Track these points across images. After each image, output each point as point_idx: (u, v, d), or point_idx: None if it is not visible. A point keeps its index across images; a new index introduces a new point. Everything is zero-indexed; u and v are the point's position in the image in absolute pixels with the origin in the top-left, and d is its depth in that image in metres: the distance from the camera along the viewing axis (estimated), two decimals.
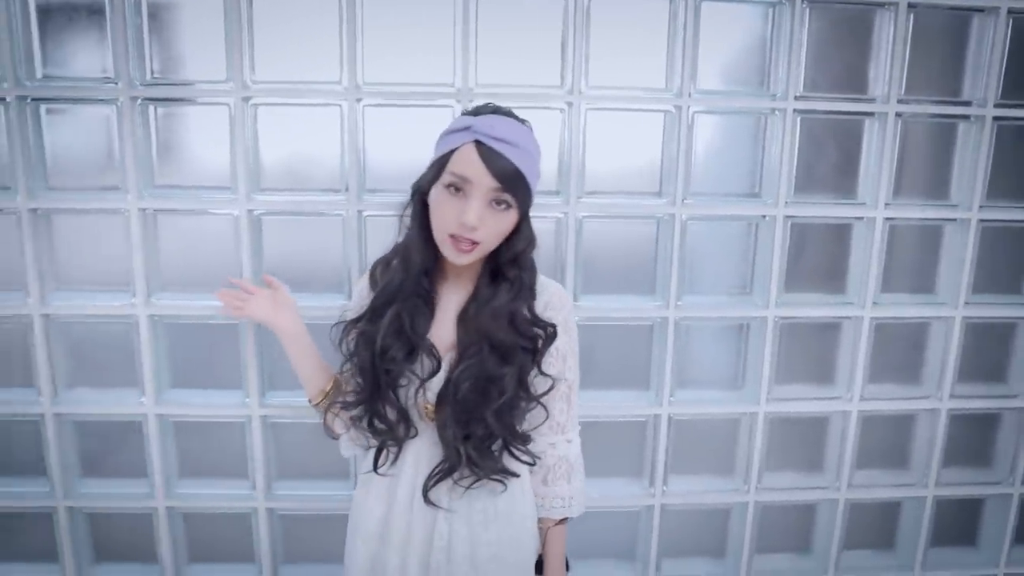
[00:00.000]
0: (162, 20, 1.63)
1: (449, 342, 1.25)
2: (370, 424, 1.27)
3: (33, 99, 1.64)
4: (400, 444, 1.27)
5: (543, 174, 1.32)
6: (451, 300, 1.27)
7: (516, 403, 1.22)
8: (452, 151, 1.15)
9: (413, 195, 1.23)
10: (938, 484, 1.95)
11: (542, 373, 1.24)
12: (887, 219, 1.79)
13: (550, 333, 1.23)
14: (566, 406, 1.31)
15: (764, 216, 1.76)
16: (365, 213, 1.70)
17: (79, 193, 1.68)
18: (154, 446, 1.78)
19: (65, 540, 1.83)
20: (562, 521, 1.37)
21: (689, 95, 1.68)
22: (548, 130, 1.68)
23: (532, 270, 1.25)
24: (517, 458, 1.26)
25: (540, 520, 1.36)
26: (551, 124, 1.69)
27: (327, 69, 1.65)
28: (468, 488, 1.25)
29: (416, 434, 1.27)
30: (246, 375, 1.75)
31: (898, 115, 1.73)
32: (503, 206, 1.15)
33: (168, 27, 1.63)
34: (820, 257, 1.83)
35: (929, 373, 1.91)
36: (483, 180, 1.12)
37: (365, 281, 1.33)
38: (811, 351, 1.87)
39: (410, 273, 1.22)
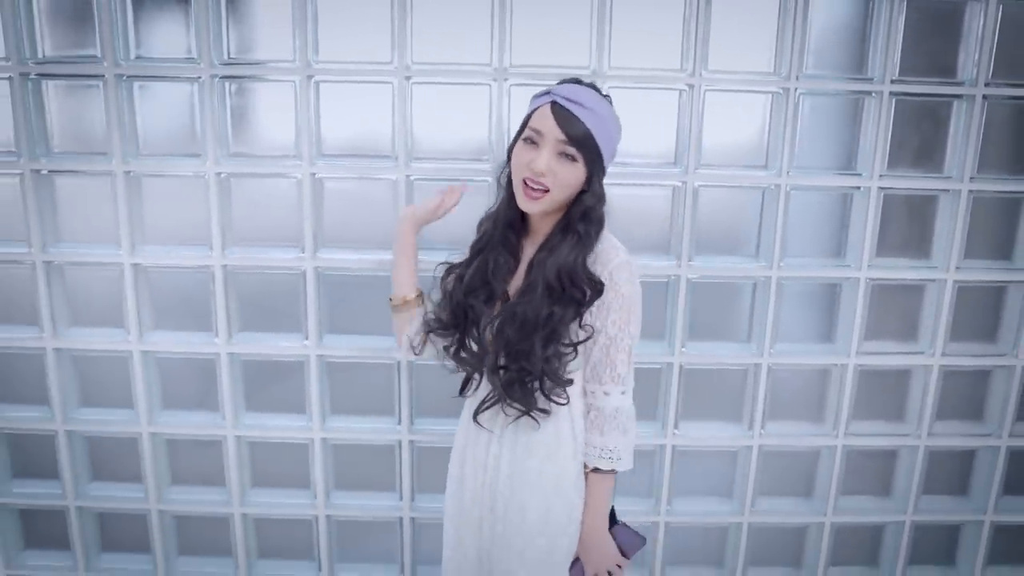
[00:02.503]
0: (238, 5, 1.86)
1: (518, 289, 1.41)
2: (456, 354, 1.46)
3: (128, 76, 1.88)
4: (481, 374, 1.44)
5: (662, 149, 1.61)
6: (530, 254, 1.42)
7: (555, 344, 1.33)
8: (534, 111, 1.34)
9: (509, 158, 1.39)
10: None
11: (581, 325, 1.34)
12: (971, 191, 1.95)
13: (597, 288, 1.34)
14: (604, 356, 1.37)
15: (859, 188, 1.95)
16: (413, 178, 1.91)
17: (165, 159, 1.92)
18: (225, 381, 2.03)
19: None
20: (609, 473, 1.43)
21: (796, 78, 1.86)
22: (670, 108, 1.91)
23: (599, 225, 1.37)
24: (548, 397, 1.36)
25: (586, 466, 1.43)
26: (671, 103, 1.90)
27: (381, 50, 1.86)
28: (512, 419, 1.40)
29: (492, 363, 1.39)
30: (305, 320, 1.98)
31: (985, 97, 1.89)
32: (570, 159, 1.31)
33: (243, 12, 1.86)
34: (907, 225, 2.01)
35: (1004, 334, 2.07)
36: (552, 132, 1.30)
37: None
38: (895, 311, 2.06)
39: (498, 226, 1.43)
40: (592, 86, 1.37)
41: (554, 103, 1.30)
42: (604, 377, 1.38)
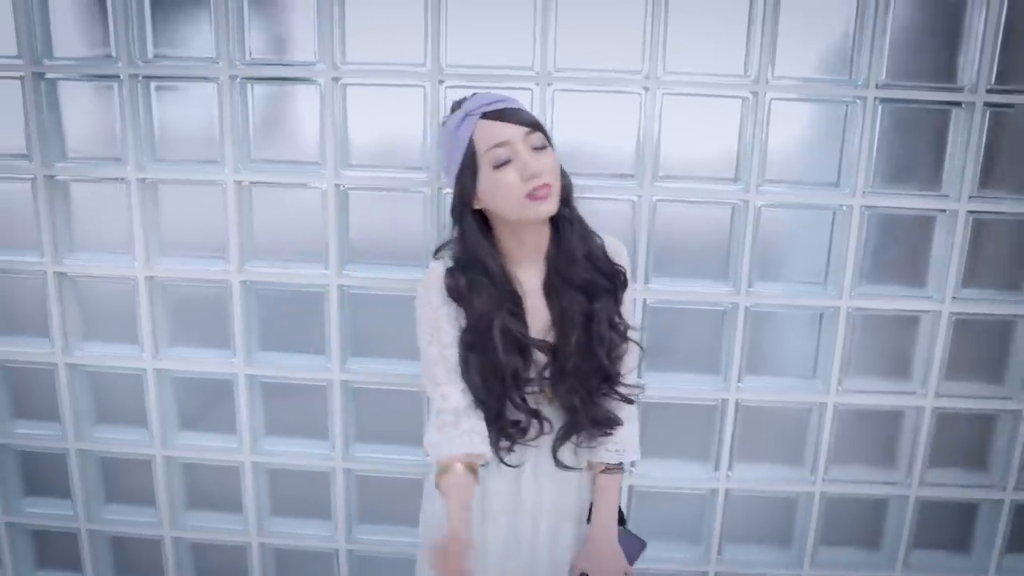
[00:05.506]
0: (261, 2, 1.72)
1: (544, 325, 1.30)
2: (502, 431, 1.31)
3: (144, 77, 1.76)
4: (535, 438, 1.31)
5: (621, 156, 1.44)
6: (531, 282, 1.30)
7: (614, 339, 1.29)
8: (470, 137, 1.20)
9: (460, 216, 1.25)
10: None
11: (622, 320, 1.30)
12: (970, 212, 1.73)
13: (623, 277, 1.30)
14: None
15: (842, 205, 1.73)
16: (445, 191, 1.75)
17: (183, 165, 1.80)
18: (243, 403, 1.90)
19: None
20: (616, 469, 1.39)
21: (767, 82, 1.67)
22: (625, 115, 1.72)
23: (577, 208, 1.30)
24: (624, 397, 1.32)
25: (590, 466, 1.39)
26: (629, 109, 1.71)
27: (412, 51, 1.71)
28: (581, 446, 1.34)
29: (552, 430, 1.32)
30: (328, 340, 1.85)
31: (987, 105, 1.67)
32: (542, 148, 1.20)
33: (267, 10, 1.72)
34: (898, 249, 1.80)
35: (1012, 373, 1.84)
36: (514, 133, 1.18)
37: (437, 293, 1.28)
38: (884, 344, 1.84)
39: (495, 281, 1.25)
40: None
41: (485, 114, 1.20)
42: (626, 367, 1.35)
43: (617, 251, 1.33)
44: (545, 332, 1.29)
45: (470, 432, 1.26)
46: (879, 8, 1.62)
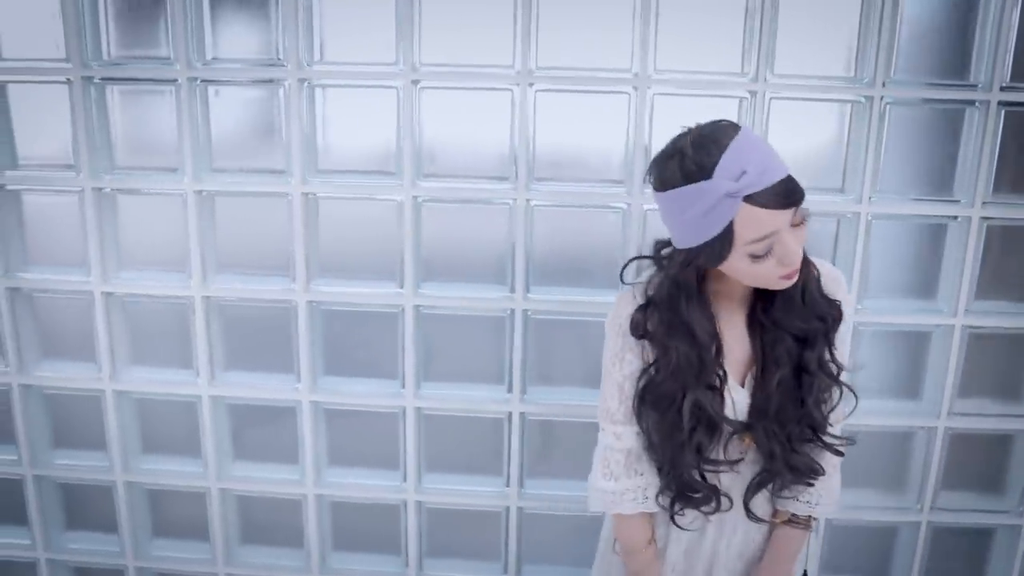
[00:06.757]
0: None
1: (745, 358, 1.13)
2: (678, 494, 1.15)
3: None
4: (711, 513, 1.16)
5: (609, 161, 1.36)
6: (734, 316, 1.12)
7: (825, 388, 1.11)
8: (729, 225, 0.94)
9: (678, 274, 1.05)
10: None
11: (835, 361, 1.11)
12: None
13: (837, 312, 1.10)
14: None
15: (847, 213, 1.63)
16: (421, 199, 1.65)
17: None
18: (207, 426, 1.80)
19: (124, 514, 1.88)
20: (804, 522, 1.23)
21: (766, 80, 1.56)
22: (613, 117, 1.61)
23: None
24: (832, 447, 1.14)
25: (776, 514, 1.23)
26: (617, 110, 1.60)
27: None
28: (776, 495, 1.19)
29: (731, 507, 1.16)
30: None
31: (1001, 104, 1.55)
32: (802, 222, 0.98)
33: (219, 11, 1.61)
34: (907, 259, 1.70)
35: None
36: (782, 220, 0.94)
37: (624, 324, 1.12)
38: (892, 360, 1.75)
39: (702, 356, 1.06)
40: (720, 128, 0.98)
41: (751, 197, 0.92)
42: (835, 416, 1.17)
43: (835, 282, 1.13)
44: (744, 368, 1.13)
45: (643, 488, 1.16)
46: (886, 1, 1.51)
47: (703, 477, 1.11)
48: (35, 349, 1.80)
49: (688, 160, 0.94)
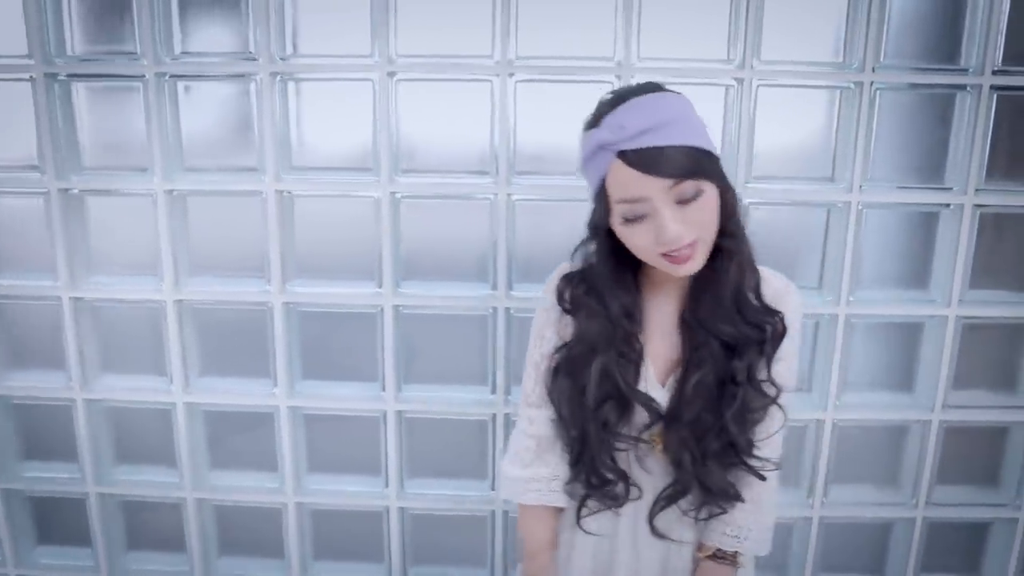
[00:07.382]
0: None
1: (671, 357, 1.08)
2: (587, 483, 1.11)
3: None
4: (619, 505, 1.11)
5: None
6: (664, 309, 1.08)
7: (752, 405, 1.04)
8: (603, 179, 0.95)
9: (594, 234, 1.03)
10: None
11: (770, 379, 1.03)
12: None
13: (779, 327, 1.03)
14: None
15: (837, 202, 1.60)
16: (399, 195, 1.61)
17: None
18: (182, 434, 1.75)
19: (97, 527, 1.83)
20: (730, 559, 1.14)
21: (752, 67, 1.52)
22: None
23: (746, 238, 1.03)
24: (754, 470, 1.07)
25: (701, 548, 1.16)
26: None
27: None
28: (691, 516, 1.10)
29: (639, 496, 1.11)
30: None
31: (993, 88, 1.53)
32: (693, 196, 0.92)
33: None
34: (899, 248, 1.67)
35: None
36: (653, 188, 0.90)
37: (551, 298, 1.10)
38: (885, 352, 1.72)
39: (612, 319, 1.03)
40: (635, 90, 0.97)
41: (623, 153, 0.91)
42: (769, 446, 1.09)
43: (781, 294, 1.06)
44: (669, 368, 1.07)
45: (549, 479, 1.13)
46: None
47: (613, 460, 1.07)
48: (2, 358, 1.74)
49: (595, 109, 0.98)
